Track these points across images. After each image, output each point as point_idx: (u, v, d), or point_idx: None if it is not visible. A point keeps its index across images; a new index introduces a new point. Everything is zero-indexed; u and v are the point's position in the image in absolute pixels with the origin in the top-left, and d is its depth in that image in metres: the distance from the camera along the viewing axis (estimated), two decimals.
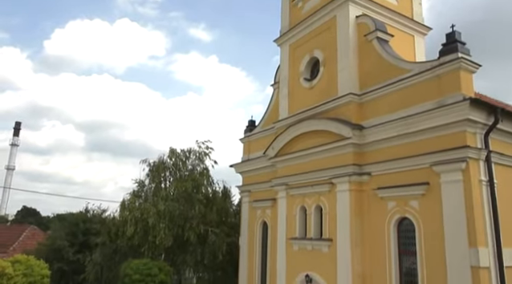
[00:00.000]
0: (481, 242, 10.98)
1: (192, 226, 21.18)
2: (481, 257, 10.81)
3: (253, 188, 21.01)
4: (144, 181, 24.39)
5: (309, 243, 16.02)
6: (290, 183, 17.27)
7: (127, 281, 19.81)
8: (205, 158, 24.98)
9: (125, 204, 22.87)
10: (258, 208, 20.51)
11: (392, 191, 13.35)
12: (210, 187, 24.44)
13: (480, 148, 11.52)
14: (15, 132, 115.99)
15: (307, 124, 16.62)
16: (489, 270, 10.94)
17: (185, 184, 22.49)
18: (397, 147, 13.37)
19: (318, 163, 15.90)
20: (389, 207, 13.49)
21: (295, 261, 16.56)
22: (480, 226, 11.08)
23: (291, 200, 17.28)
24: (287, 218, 17.37)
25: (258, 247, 20.39)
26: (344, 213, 14.57)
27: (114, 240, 22.66)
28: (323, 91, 16.46)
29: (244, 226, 21.47)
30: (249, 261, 20.73)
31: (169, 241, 20.60)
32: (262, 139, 20.76)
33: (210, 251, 21.54)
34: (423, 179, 12.41)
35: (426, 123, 12.32)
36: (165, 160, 24.70)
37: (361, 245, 14.13)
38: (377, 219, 13.82)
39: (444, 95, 11.98)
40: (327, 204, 15.44)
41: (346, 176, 14.56)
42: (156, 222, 20.49)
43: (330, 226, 15.21)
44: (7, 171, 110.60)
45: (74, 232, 29.85)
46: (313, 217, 16.09)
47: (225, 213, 24.53)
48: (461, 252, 11.05)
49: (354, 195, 14.46)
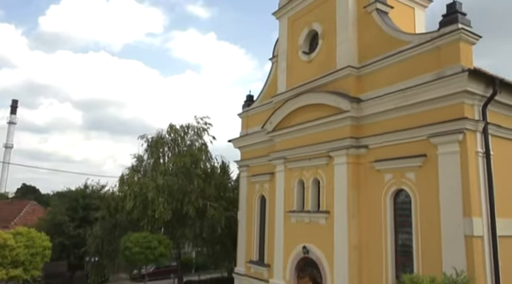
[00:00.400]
0: (476, 212, 11.15)
1: (191, 200, 21.39)
2: (475, 226, 11.00)
3: (252, 163, 21.13)
4: (142, 156, 24.50)
5: (306, 216, 16.25)
6: (288, 157, 17.37)
7: (127, 254, 20.15)
8: (203, 134, 25.04)
9: (124, 179, 23.03)
10: (256, 183, 20.69)
11: (389, 163, 13.46)
12: (209, 162, 24.60)
13: (477, 119, 11.56)
14: (12, 110, 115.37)
15: (305, 98, 16.59)
16: (482, 239, 11.15)
17: (184, 159, 22.59)
18: (395, 119, 13.40)
19: (316, 136, 15.96)
20: (386, 179, 13.63)
21: (293, 234, 16.84)
22: (475, 197, 11.23)
23: (289, 173, 17.42)
24: (285, 192, 17.55)
25: (256, 221, 20.68)
26: (341, 185, 14.72)
27: (113, 214, 22.92)
28: (322, 64, 16.36)
29: (242, 200, 21.72)
30: (247, 235, 21.07)
31: (168, 215, 20.84)
32: (260, 113, 20.74)
33: (209, 225, 21.84)
34: (420, 151, 12.50)
35: (424, 95, 12.31)
36: (164, 135, 24.74)
37: (358, 217, 14.34)
38: (374, 191, 13.98)
39: (444, 67, 11.93)
40: (325, 177, 15.58)
41: (343, 149, 14.65)
42: (155, 196, 20.67)
43: (327, 199, 15.40)
44: (5, 149, 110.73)
45: (74, 207, 30.18)
46: (311, 190, 16.26)
47: (224, 187, 24.76)
48: (456, 221, 11.24)
49: (351, 168, 14.58)
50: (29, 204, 36.72)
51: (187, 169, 22.32)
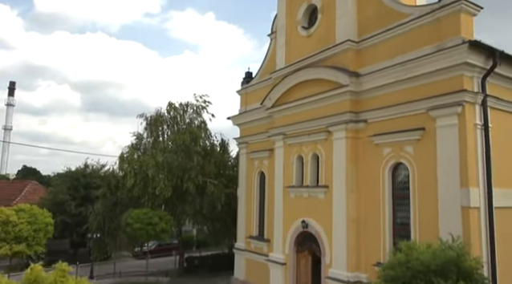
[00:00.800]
0: (473, 184, 11.26)
1: (190, 177, 21.53)
2: (472, 197, 11.13)
3: (251, 140, 21.20)
4: (142, 135, 24.52)
5: (305, 190, 16.40)
6: (287, 132, 17.41)
7: (128, 230, 20.42)
8: (202, 112, 25.03)
9: (124, 156, 23.11)
10: (256, 159, 20.79)
11: (387, 137, 13.50)
12: (208, 140, 24.68)
13: (476, 92, 11.54)
14: (10, 92, 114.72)
15: (304, 73, 16.51)
16: (478, 210, 11.30)
17: (183, 136, 22.63)
18: (394, 93, 13.37)
19: (315, 112, 15.95)
20: (384, 153, 13.70)
21: (292, 209, 17.03)
22: (472, 169, 11.31)
23: (288, 149, 17.49)
24: (284, 167, 17.66)
25: (255, 197, 20.88)
26: (340, 160, 14.81)
27: (114, 192, 23.10)
28: (321, 38, 16.21)
29: (242, 177, 21.87)
30: (247, 211, 21.31)
31: (169, 192, 21.01)
32: (259, 90, 20.66)
33: (209, 201, 22.04)
34: (418, 124, 12.52)
35: (424, 68, 12.25)
36: (163, 113, 24.69)
37: (356, 191, 14.48)
38: (372, 165, 14.07)
39: (444, 39, 11.83)
40: (324, 152, 15.66)
41: (342, 123, 14.67)
42: (155, 174, 20.80)
43: (326, 174, 15.52)
44: (5, 131, 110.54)
45: (75, 186, 30.42)
46: (309, 165, 16.36)
47: (224, 165, 24.90)
48: (453, 192, 11.35)
49: (350, 142, 14.63)
50: (30, 184, 36.94)
51: (186, 147, 22.38)
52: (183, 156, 22.04)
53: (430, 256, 6.77)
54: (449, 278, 6.42)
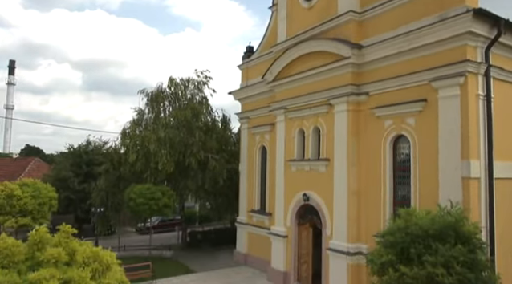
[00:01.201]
0: (474, 155, 11.27)
1: (192, 152, 21.60)
2: (473, 168, 11.16)
3: (252, 115, 21.17)
4: (143, 110, 24.44)
5: (307, 164, 16.47)
6: (289, 106, 17.35)
7: (131, 205, 20.64)
8: (203, 87, 24.83)
9: (126, 132, 23.15)
10: (257, 134, 20.81)
11: (389, 109, 13.43)
12: (210, 116, 24.59)
13: (480, 62, 11.40)
14: (10, 71, 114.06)
15: (306, 46, 16.31)
16: (479, 181, 11.35)
17: (185, 112, 22.57)
18: (396, 64, 13.23)
19: (316, 85, 15.85)
20: (386, 125, 13.67)
21: (293, 182, 17.15)
22: (474, 140, 11.30)
23: (290, 123, 17.47)
24: (286, 141, 17.69)
25: (257, 171, 21.02)
26: (342, 133, 14.80)
27: (117, 167, 23.23)
28: (323, 10, 15.93)
29: (243, 152, 21.96)
30: (249, 185, 21.49)
31: (171, 167, 21.11)
32: (260, 64, 20.49)
33: (211, 177, 22.18)
34: (420, 96, 12.44)
35: (427, 38, 12.07)
36: (164, 89, 24.55)
37: (357, 164, 14.53)
38: (374, 138, 14.06)
39: (448, 8, 11.62)
40: (325, 126, 15.64)
41: (344, 96, 14.58)
42: (157, 149, 20.86)
43: (327, 147, 15.54)
44: (6, 110, 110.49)
45: (78, 163, 30.58)
46: (311, 139, 16.38)
47: (225, 141, 24.93)
48: (454, 164, 11.38)
49: (351, 115, 14.58)
50: (33, 161, 37.20)
51: (188, 122, 22.36)
52: (184, 132, 22.04)
53: (429, 221, 6.87)
54: (447, 242, 6.52)
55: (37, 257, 5.11)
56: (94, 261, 5.33)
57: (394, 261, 6.85)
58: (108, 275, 5.36)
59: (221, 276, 19.15)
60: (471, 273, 6.21)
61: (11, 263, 4.96)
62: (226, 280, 18.44)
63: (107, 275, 5.34)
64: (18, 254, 5.02)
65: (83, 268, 5.12)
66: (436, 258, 6.35)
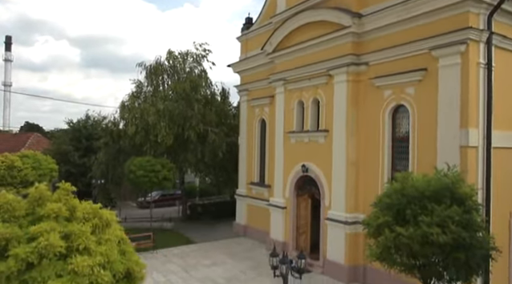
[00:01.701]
0: (473, 124, 11.29)
1: (191, 125, 21.58)
2: (471, 137, 11.19)
3: (252, 87, 21.05)
4: (142, 83, 24.27)
5: (306, 135, 16.49)
6: (288, 78, 17.23)
7: (132, 177, 20.73)
8: (202, 60, 24.58)
9: (125, 105, 23.07)
10: (256, 107, 20.76)
11: (389, 79, 13.36)
12: (209, 89, 24.43)
13: (482, 29, 11.25)
14: (7, 47, 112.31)
15: (306, 16, 16.06)
16: (477, 150, 11.41)
17: (184, 84, 22.41)
18: (397, 33, 13.07)
19: (316, 55, 15.69)
20: (385, 95, 13.63)
21: (293, 154, 17.22)
22: (473, 108, 11.29)
23: (289, 95, 17.39)
24: (285, 113, 17.65)
25: (256, 144, 21.07)
26: (341, 104, 14.76)
27: (116, 140, 23.26)
28: None
29: (243, 125, 21.96)
30: (248, 158, 21.58)
31: (170, 140, 21.13)
32: (259, 36, 20.23)
33: (210, 150, 22.24)
34: (421, 65, 12.35)
35: (429, 5, 11.89)
36: (163, 62, 24.30)
37: (356, 135, 14.56)
38: (373, 108, 14.04)
39: None
40: (324, 97, 15.57)
41: (344, 66, 14.47)
42: (156, 121, 20.83)
43: (326, 118, 15.53)
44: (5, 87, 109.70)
45: (77, 137, 30.62)
46: (310, 110, 16.35)
47: (225, 114, 24.87)
48: (452, 133, 11.40)
49: (351, 85, 14.50)
50: (33, 136, 37.17)
51: (187, 95, 22.23)
52: (183, 104, 21.94)
53: (425, 183, 6.93)
54: (443, 203, 6.59)
55: (37, 213, 5.18)
56: (94, 217, 5.41)
57: (390, 223, 6.96)
58: (108, 232, 5.45)
59: (221, 246, 19.48)
60: (466, 233, 6.31)
61: (12, 218, 5.04)
62: (226, 250, 18.77)
63: (107, 232, 5.44)
64: (18, 209, 5.10)
65: (83, 223, 5.21)
66: (432, 218, 6.45)
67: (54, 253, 4.68)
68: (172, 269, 16.12)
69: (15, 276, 4.57)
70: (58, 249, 4.68)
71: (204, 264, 16.74)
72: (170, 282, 14.62)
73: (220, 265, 16.54)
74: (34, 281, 4.54)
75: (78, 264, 4.76)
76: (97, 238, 5.25)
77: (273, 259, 8.32)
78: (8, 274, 4.50)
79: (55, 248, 4.65)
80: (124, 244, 5.86)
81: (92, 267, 4.88)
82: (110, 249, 5.27)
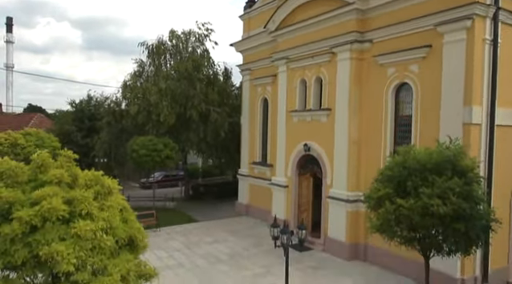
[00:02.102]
0: (476, 101, 11.21)
1: (194, 105, 21.52)
2: (474, 114, 11.13)
3: (254, 66, 20.90)
4: (144, 62, 24.11)
5: (308, 114, 16.44)
6: (291, 56, 17.08)
7: (134, 156, 20.84)
8: (205, 40, 24.32)
9: (126, 84, 22.98)
10: (259, 86, 20.66)
11: (392, 56, 13.21)
12: (211, 69, 24.23)
13: (489, 4, 11.07)
14: (8, 28, 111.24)
15: None
16: (480, 127, 11.36)
17: (186, 64, 22.24)
18: (402, 9, 12.87)
19: (319, 33, 15.51)
20: (389, 73, 13.51)
21: (295, 133, 17.20)
22: (477, 85, 11.20)
23: (291, 73, 17.27)
24: (287, 92, 17.57)
25: (258, 124, 21.04)
26: (344, 82, 14.65)
27: (119, 120, 23.28)
28: None
29: (245, 104, 21.89)
30: (250, 138, 21.60)
31: (172, 119, 21.11)
32: (262, 14, 19.98)
33: (213, 129, 22.23)
34: (425, 42, 12.21)
35: None
36: (165, 41, 24.06)
37: (359, 113, 14.50)
38: (376, 87, 13.93)
39: None
40: (327, 75, 15.46)
41: (347, 44, 14.31)
42: (158, 100, 20.78)
43: (329, 97, 15.45)
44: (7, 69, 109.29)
45: (80, 117, 30.56)
46: (313, 89, 16.25)
47: (227, 94, 24.75)
48: (456, 110, 11.33)
49: (354, 63, 14.38)
50: (36, 116, 37.27)
51: (189, 74, 22.08)
52: (186, 84, 21.82)
53: (427, 156, 6.93)
54: (444, 176, 6.58)
55: (40, 179, 5.22)
56: (96, 184, 5.45)
57: (391, 195, 6.98)
58: (110, 199, 5.49)
59: (223, 224, 19.68)
60: (466, 204, 6.33)
61: (15, 183, 5.08)
62: (228, 228, 18.96)
63: (109, 199, 5.48)
64: (21, 175, 5.14)
65: (86, 190, 5.25)
66: (433, 190, 6.46)
67: (57, 217, 4.73)
68: (175, 246, 16.33)
69: (19, 238, 4.64)
70: (61, 213, 4.73)
71: (206, 241, 16.95)
72: (173, 258, 14.81)
73: (222, 243, 16.74)
74: (38, 243, 4.61)
75: (81, 228, 4.82)
76: (99, 205, 5.29)
77: (273, 230, 8.41)
78: (12, 237, 4.57)
79: (58, 211, 4.70)
80: (126, 212, 5.92)
81: (95, 232, 4.94)
82: (112, 215, 5.33)
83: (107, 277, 4.94)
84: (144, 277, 5.90)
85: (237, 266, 13.92)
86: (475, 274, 11.53)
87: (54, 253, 4.52)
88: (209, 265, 14.04)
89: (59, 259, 4.53)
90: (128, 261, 5.46)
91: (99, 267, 5.00)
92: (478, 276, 11.57)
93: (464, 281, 11.27)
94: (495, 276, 11.80)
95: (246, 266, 13.89)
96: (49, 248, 4.55)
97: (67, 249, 4.67)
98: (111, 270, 5.07)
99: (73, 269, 4.64)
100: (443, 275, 11.38)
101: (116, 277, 4.99)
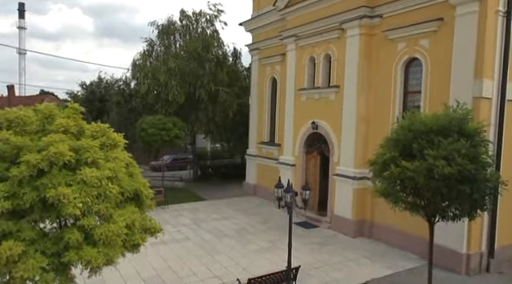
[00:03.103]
0: (487, 74, 11.02)
1: (203, 84, 21.54)
2: (485, 88, 10.96)
3: (263, 46, 20.80)
4: (154, 41, 24.09)
5: (317, 92, 16.36)
6: (300, 34, 16.94)
7: (143, 135, 20.98)
8: (215, 20, 24.20)
9: (136, 63, 23.05)
10: (268, 65, 20.58)
11: (403, 31, 13.03)
12: (221, 49, 24.15)
13: None
14: (20, 14, 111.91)
15: None
16: (490, 101, 11.20)
17: (195, 43, 22.21)
18: None
19: (328, 9, 15.34)
20: (399, 48, 13.35)
21: (303, 112, 17.16)
22: (489, 59, 10.99)
23: (300, 51, 17.15)
24: (296, 70, 17.48)
25: (267, 103, 21.02)
26: (353, 58, 14.52)
27: (128, 100, 23.42)
28: None
29: (254, 84, 21.85)
30: (258, 118, 21.61)
31: (181, 99, 21.18)
32: None
33: (221, 109, 22.27)
34: (437, 15, 12.00)
35: None
36: (175, 21, 24.01)
37: (367, 90, 14.38)
38: (385, 63, 13.78)
39: None
40: (336, 52, 15.33)
41: (357, 19, 14.13)
42: (167, 79, 20.83)
43: (338, 74, 15.34)
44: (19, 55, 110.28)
45: (90, 99, 30.86)
46: (321, 67, 16.15)
47: (236, 75, 24.70)
48: (466, 84, 11.16)
49: (364, 39, 14.22)
50: (48, 98, 37.73)
51: (198, 54, 22.06)
52: (195, 64, 21.83)
53: (433, 119, 6.87)
54: (450, 138, 6.51)
55: (47, 130, 5.32)
56: (102, 135, 5.55)
57: (396, 158, 6.95)
58: (116, 151, 5.58)
59: (231, 203, 19.84)
60: (471, 165, 6.28)
61: (23, 132, 5.19)
62: (236, 207, 19.12)
63: (115, 151, 5.57)
64: (29, 124, 5.24)
65: (92, 140, 5.33)
66: (438, 152, 6.40)
67: (63, 162, 4.83)
68: (183, 222, 16.53)
69: (27, 181, 4.74)
70: (67, 158, 4.83)
71: (213, 218, 17.13)
72: (180, 233, 15.02)
73: (229, 219, 16.91)
74: (46, 187, 4.71)
75: (86, 174, 4.92)
76: (105, 155, 5.38)
77: (277, 190, 8.47)
78: (20, 178, 4.67)
79: (65, 156, 4.80)
80: (132, 167, 6.01)
81: (100, 179, 5.04)
82: (117, 166, 5.41)
83: (113, 225, 5.04)
84: (150, 232, 6.01)
85: (243, 241, 14.07)
86: (481, 250, 11.49)
87: (60, 196, 4.63)
88: (215, 239, 14.21)
89: (66, 202, 4.64)
90: (134, 212, 5.57)
91: (104, 214, 5.10)
92: (484, 251, 11.52)
93: (469, 256, 11.25)
94: (502, 252, 11.74)
95: (253, 241, 14.03)
96: (56, 191, 4.66)
97: (73, 193, 4.77)
98: (116, 219, 5.17)
99: (79, 213, 4.75)
100: (449, 250, 11.39)
101: (122, 224, 5.10)
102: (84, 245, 4.81)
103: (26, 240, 4.65)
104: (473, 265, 11.32)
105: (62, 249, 4.75)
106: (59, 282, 4.81)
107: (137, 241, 5.52)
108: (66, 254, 4.71)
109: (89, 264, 4.71)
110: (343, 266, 11.87)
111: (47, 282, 4.58)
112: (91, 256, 4.71)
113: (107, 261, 4.88)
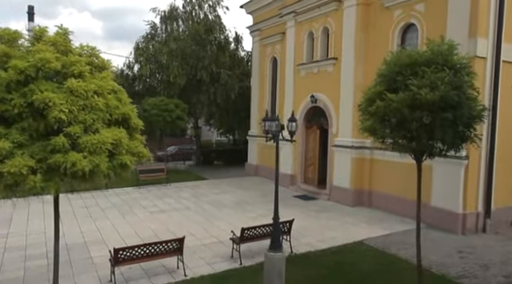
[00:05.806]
0: (482, 33, 11.04)
1: (204, 66, 21.71)
2: (479, 46, 10.97)
3: (263, 26, 20.97)
4: (156, 24, 24.33)
5: (315, 65, 16.47)
6: (299, 9, 17.08)
7: (146, 116, 21.19)
8: (217, 6, 24.41)
9: (139, 46, 23.34)
10: (268, 45, 20.74)
11: None
12: (222, 34, 24.35)
13: None
14: (29, 17, 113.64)
15: None
16: (485, 61, 11.21)
17: (197, 27, 22.41)
18: None
19: None
20: (395, 16, 13.42)
21: (302, 86, 17.28)
22: (483, 17, 11.01)
23: (299, 27, 17.30)
24: (295, 47, 17.62)
25: (268, 84, 21.14)
26: (350, 29, 14.62)
27: (131, 83, 23.70)
28: None
29: (255, 65, 22.00)
30: (260, 97, 21.76)
31: (183, 80, 21.38)
32: None
33: (223, 91, 22.42)
34: None
35: None
36: (177, 7, 24.26)
37: (365, 61, 14.46)
38: (382, 32, 13.84)
39: None
40: (334, 24, 15.44)
41: None
42: (169, 61, 21.08)
43: (335, 46, 15.45)
44: None
45: None
46: (320, 40, 16.27)
47: (238, 59, 24.87)
48: (460, 42, 11.12)
49: (361, 9, 14.33)
50: None
51: (200, 36, 22.28)
52: (196, 46, 22.03)
53: (419, 53, 6.93)
54: (435, 68, 6.56)
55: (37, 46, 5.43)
56: (90, 55, 5.71)
57: (382, 92, 7.02)
58: (104, 73, 5.73)
59: (232, 182, 19.98)
60: (454, 91, 6.33)
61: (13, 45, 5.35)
62: (236, 184, 19.27)
63: (103, 72, 5.72)
64: (19, 39, 5.41)
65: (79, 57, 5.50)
66: (422, 81, 6.47)
67: (50, 69, 4.99)
68: (184, 196, 16.71)
69: (15, 86, 4.92)
70: (53, 65, 4.99)
71: (214, 192, 17.30)
72: (181, 204, 15.20)
73: (229, 193, 17.07)
74: (33, 92, 4.87)
75: (72, 83, 5.08)
76: (92, 73, 5.53)
77: (265, 123, 8.62)
78: (8, 82, 4.84)
79: (51, 63, 4.96)
80: (121, 94, 6.14)
81: (86, 91, 5.20)
82: (105, 84, 5.56)
83: (99, 135, 5.19)
84: (137, 155, 6.15)
85: (242, 210, 14.20)
86: (477, 210, 11.48)
87: (46, 99, 4.80)
88: (214, 209, 14.35)
89: (51, 105, 4.80)
90: (121, 132, 5.69)
91: (90, 126, 5.24)
92: (481, 212, 11.51)
93: (465, 216, 11.25)
94: (499, 214, 11.71)
95: (251, 210, 14.14)
96: (42, 94, 4.83)
97: (60, 100, 4.94)
98: (103, 132, 5.32)
99: (64, 118, 4.89)
100: (445, 211, 11.41)
101: (107, 139, 5.22)
102: (70, 151, 4.96)
103: (14, 142, 4.81)
104: (469, 224, 11.33)
105: (49, 153, 4.91)
106: (47, 188, 4.96)
107: (125, 161, 5.64)
108: (52, 156, 4.87)
109: (74, 166, 4.85)
110: (340, 228, 11.95)
111: (35, 182, 4.74)
112: (77, 158, 4.86)
113: (93, 167, 5.02)
